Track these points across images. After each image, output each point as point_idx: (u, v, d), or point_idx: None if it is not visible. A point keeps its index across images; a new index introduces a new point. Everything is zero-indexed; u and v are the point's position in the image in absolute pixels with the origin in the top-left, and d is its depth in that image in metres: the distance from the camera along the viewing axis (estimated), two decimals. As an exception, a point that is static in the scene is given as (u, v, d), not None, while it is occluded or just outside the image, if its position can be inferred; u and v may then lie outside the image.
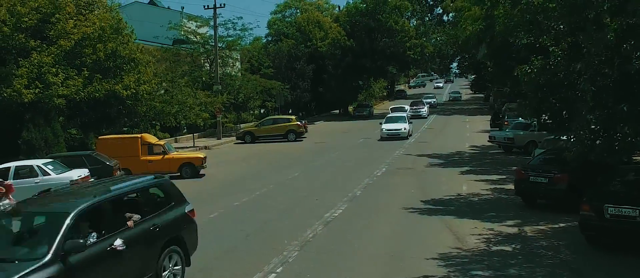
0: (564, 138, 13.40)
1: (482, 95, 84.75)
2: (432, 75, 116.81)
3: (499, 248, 13.28)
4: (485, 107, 68.86)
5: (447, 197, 19.19)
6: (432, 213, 16.90)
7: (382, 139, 38.89)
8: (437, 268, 11.94)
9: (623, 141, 11.35)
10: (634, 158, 18.65)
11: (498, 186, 21.20)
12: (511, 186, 20.60)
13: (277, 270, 11.98)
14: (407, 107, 54.83)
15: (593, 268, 11.74)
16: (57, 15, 27.96)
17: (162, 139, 38.90)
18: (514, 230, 14.84)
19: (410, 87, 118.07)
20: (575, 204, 16.24)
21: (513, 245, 13.44)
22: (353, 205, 18.34)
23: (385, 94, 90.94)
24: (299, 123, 42.45)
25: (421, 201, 18.54)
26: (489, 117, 53.52)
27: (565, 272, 11.59)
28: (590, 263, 12.10)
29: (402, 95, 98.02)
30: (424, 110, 60.79)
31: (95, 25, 28.92)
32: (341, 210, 17.52)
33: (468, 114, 62.04)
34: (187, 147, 37.47)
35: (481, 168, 25.57)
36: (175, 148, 29.84)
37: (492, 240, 13.97)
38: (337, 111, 68.76)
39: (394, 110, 52.67)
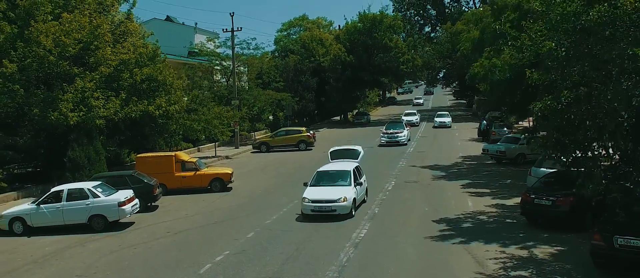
0: (579, 175, 13.11)
1: (465, 101, 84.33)
2: (418, 82, 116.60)
3: (517, 273, 13.12)
4: (469, 114, 68.58)
5: (458, 216, 18.93)
6: (448, 234, 16.68)
7: (304, 215, 19.11)
8: (467, 297, 11.79)
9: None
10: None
11: (499, 201, 20.99)
12: (511, 202, 20.61)
13: (323, 301, 11.78)
14: (359, 150, 23.66)
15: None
16: (95, 43, 27.57)
17: (185, 148, 38.79)
18: (526, 252, 14.66)
19: (399, 93, 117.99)
20: (576, 224, 16.32)
21: (529, 270, 13.27)
22: (375, 224, 18.12)
23: (377, 100, 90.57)
24: (308, 134, 42.22)
25: (435, 221, 18.24)
26: (474, 124, 53.51)
27: (584, 300, 11.45)
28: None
29: (393, 101, 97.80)
30: (403, 135, 41.63)
31: (131, 52, 28.57)
32: (366, 230, 17.33)
33: (455, 121, 61.62)
34: (210, 157, 37.22)
35: (480, 182, 25.34)
36: (199, 158, 29.32)
37: (509, 264, 13.79)
38: (338, 118, 68.49)
39: (335, 155, 23.48)
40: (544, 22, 12.51)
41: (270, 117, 55.46)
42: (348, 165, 21.03)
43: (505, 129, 40.44)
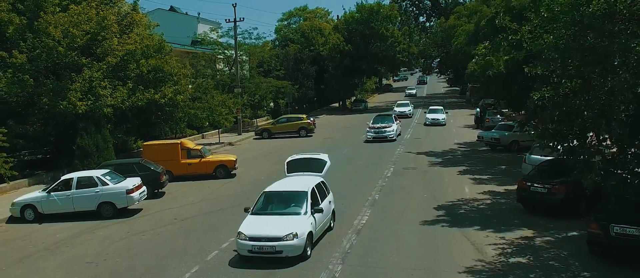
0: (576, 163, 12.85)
1: (458, 89, 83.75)
2: (414, 70, 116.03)
3: (516, 259, 12.95)
4: (463, 101, 68.13)
5: (455, 202, 18.76)
6: (447, 221, 16.49)
7: (240, 256, 13.48)
8: (468, 284, 11.61)
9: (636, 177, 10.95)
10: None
11: (495, 188, 20.79)
12: (507, 188, 20.43)
13: (326, 290, 11.57)
14: (325, 160, 17.16)
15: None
16: (102, 34, 27.17)
17: (189, 135, 38.48)
18: (523, 239, 14.48)
19: (395, 81, 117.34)
20: (570, 211, 16.15)
21: (527, 257, 13.11)
22: (375, 211, 17.90)
23: (374, 88, 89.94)
24: (309, 121, 41.88)
25: (434, 208, 18.04)
26: (467, 111, 53.31)
27: (581, 288, 11.28)
28: (601, 275, 11.75)
29: (389, 88, 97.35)
30: (392, 129, 35.47)
31: (138, 43, 28.14)
32: (367, 216, 17.13)
33: (449, 107, 61.21)
34: (214, 144, 36.95)
35: (476, 168, 25.08)
36: (203, 145, 28.96)
37: (508, 250, 13.63)
38: (337, 104, 68.09)
39: (293, 167, 17.22)
40: (546, 10, 12.13)
41: (271, 104, 55.05)
42: (306, 183, 15.04)
43: (498, 116, 40.26)
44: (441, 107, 48.26)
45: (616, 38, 10.48)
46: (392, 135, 35.44)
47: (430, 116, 45.63)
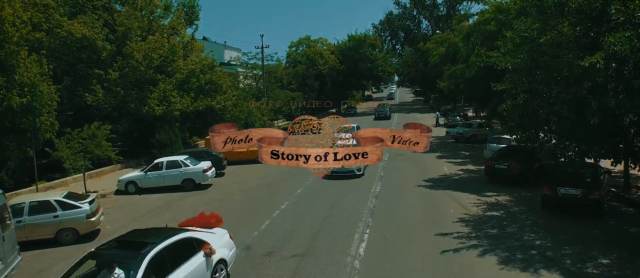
0: (535, 146, 14.09)
1: (422, 98, 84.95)
2: (388, 84, 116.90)
3: (492, 213, 14.16)
4: (427, 107, 69.41)
5: (439, 176, 19.97)
6: (438, 189, 17.67)
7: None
8: (463, 227, 12.79)
9: (577, 155, 12.18)
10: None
11: (466, 167, 22.04)
12: (472, 167, 21.65)
13: (367, 232, 12.72)
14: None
15: (556, 224, 12.66)
16: (171, 57, 28.11)
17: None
18: (493, 200, 15.71)
19: (373, 93, 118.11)
20: (523, 181, 17.44)
21: (499, 211, 14.32)
22: (384, 183, 19.04)
23: (360, 97, 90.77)
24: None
25: (424, 180, 19.27)
26: (433, 114, 54.47)
27: (541, 229, 12.51)
28: (552, 222, 13.02)
29: (370, 98, 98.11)
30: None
31: (197, 64, 29.13)
32: (379, 187, 18.22)
33: (418, 112, 62.56)
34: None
35: (448, 154, 26.37)
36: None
37: (485, 207, 14.82)
38: (334, 110, 69.05)
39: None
40: (511, 44, 13.41)
41: (288, 109, 56.01)
42: None
43: (457, 117, 41.65)
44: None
45: (563, 59, 11.67)
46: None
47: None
